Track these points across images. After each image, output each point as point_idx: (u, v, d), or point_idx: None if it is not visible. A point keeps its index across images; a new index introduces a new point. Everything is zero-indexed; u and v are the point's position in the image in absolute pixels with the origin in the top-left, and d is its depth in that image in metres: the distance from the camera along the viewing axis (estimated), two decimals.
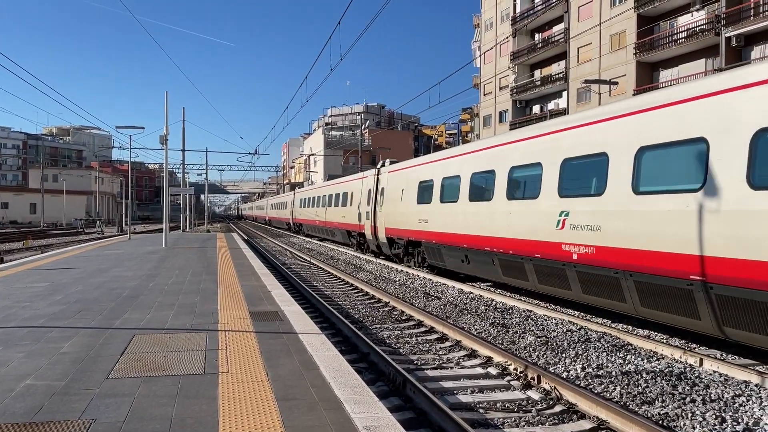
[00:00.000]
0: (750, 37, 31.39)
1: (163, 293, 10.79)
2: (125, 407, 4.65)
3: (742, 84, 7.74)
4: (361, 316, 11.88)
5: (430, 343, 9.53)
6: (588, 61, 42.13)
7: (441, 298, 13.87)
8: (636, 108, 9.67)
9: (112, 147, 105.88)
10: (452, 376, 7.60)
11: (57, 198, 78.95)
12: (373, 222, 23.92)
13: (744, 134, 7.56)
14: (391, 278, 17.88)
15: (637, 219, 9.23)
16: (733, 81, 7.92)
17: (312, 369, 5.80)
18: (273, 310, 9.07)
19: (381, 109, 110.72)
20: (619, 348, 8.92)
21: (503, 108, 53.37)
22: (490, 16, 55.84)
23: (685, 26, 35.33)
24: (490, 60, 55.03)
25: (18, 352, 6.35)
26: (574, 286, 10.93)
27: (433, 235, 17.48)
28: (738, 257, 7.47)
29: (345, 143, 79.88)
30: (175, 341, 6.92)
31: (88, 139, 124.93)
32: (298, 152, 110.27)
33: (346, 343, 9.36)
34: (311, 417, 4.47)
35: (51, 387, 5.17)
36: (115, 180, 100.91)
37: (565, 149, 11.29)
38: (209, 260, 17.86)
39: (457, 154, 16.78)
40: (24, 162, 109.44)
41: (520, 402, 6.62)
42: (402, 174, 21.17)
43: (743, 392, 6.88)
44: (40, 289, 11.16)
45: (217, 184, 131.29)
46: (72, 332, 7.37)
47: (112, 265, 16.22)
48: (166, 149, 25.42)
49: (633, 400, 6.64)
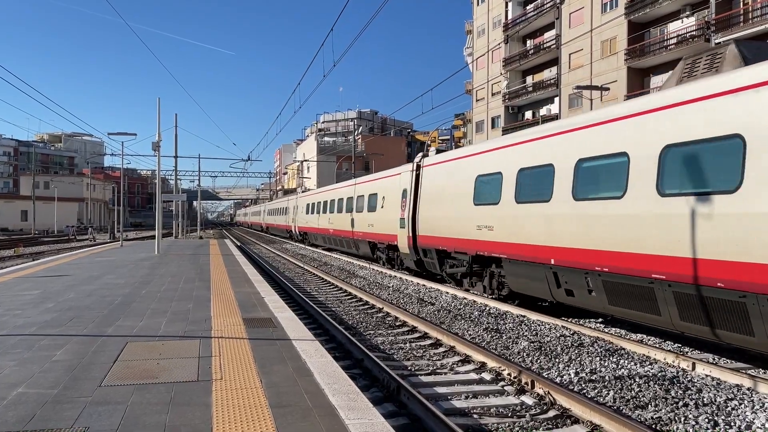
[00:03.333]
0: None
1: (156, 300, 10.74)
2: (118, 415, 4.63)
3: (651, 108, 9.12)
4: (354, 322, 11.87)
5: (424, 349, 9.53)
6: (580, 67, 42.37)
7: (435, 304, 13.87)
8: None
9: (104, 154, 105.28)
10: (446, 382, 7.60)
11: (48, 205, 78.44)
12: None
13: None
14: (384, 284, 17.87)
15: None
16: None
17: (306, 375, 5.79)
18: (266, 317, 9.05)
19: (374, 115, 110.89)
20: (612, 352, 8.95)
21: (496, 114, 53.57)
22: (482, 23, 56.11)
23: (675, 32, 35.63)
24: (483, 66, 55.24)
25: (10, 360, 6.30)
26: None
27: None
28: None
29: (338, 149, 79.88)
30: (169, 348, 6.89)
31: (80, 146, 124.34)
32: (291, 158, 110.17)
33: (340, 350, 9.35)
34: (305, 424, 4.47)
35: (43, 395, 5.14)
36: (107, 187, 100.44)
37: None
38: (202, 267, 17.80)
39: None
40: (15, 169, 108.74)
41: (514, 407, 6.62)
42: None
43: (735, 396, 6.91)
44: (31, 297, 11.08)
45: (210, 191, 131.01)
46: (64, 340, 7.32)
47: (104, 272, 16.14)
48: (158, 156, 25.36)
49: (626, 405, 6.66)
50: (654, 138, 8.95)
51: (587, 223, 10.25)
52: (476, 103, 57.45)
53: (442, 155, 17.53)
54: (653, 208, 8.81)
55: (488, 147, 14.45)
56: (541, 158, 11.79)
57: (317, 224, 35.06)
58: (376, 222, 23.16)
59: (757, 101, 7.41)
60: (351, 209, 27.20)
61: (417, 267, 19.16)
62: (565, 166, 10.93)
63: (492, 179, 13.71)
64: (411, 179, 19.28)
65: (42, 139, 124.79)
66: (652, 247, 8.82)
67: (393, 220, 20.73)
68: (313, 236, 36.99)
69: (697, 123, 8.22)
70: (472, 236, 14.40)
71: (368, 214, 24.33)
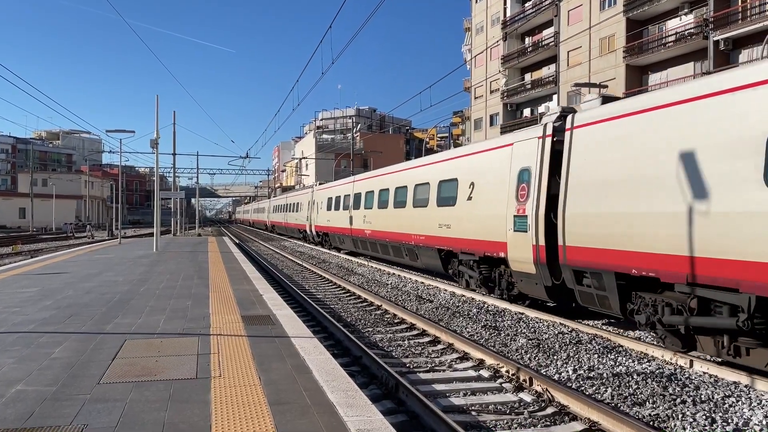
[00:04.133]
0: (738, 41, 31.70)
1: (155, 298, 10.74)
2: (117, 413, 4.63)
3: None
4: (353, 319, 11.88)
5: (423, 346, 9.55)
6: (578, 64, 42.36)
7: (433, 301, 13.89)
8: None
9: (102, 151, 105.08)
10: (444, 379, 7.61)
11: (46, 202, 78.31)
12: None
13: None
14: (383, 281, 17.88)
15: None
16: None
17: (304, 373, 5.80)
18: (265, 314, 9.05)
19: (372, 112, 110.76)
20: (610, 350, 8.97)
21: (494, 111, 53.56)
22: (481, 20, 56.06)
23: (673, 30, 35.62)
24: (481, 64, 55.21)
25: (8, 358, 6.30)
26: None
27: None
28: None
29: (336, 147, 79.85)
30: (167, 346, 6.89)
31: (78, 143, 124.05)
32: (290, 156, 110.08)
33: (339, 347, 9.36)
34: (304, 421, 4.47)
35: (42, 393, 5.14)
36: (105, 184, 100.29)
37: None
38: (200, 264, 17.79)
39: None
40: (13, 166, 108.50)
41: (512, 404, 6.64)
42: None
43: (733, 393, 6.93)
44: (30, 294, 11.07)
45: (208, 188, 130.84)
46: (63, 337, 7.32)
47: (102, 269, 16.13)
48: (156, 153, 25.33)
49: (624, 402, 6.68)
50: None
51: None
52: (475, 101, 57.44)
53: (632, 101, 9.72)
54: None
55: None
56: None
57: (343, 224, 27.90)
58: (456, 221, 15.58)
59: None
60: (404, 203, 19.62)
61: (550, 297, 11.81)
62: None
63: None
64: (538, 152, 11.96)
65: (40, 136, 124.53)
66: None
67: (495, 218, 13.42)
68: (338, 238, 29.55)
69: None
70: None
71: (438, 209, 16.77)
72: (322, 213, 33.33)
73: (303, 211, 39.62)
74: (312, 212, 36.26)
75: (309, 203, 37.52)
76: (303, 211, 39.60)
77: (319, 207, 34.03)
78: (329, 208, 31.34)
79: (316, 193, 35.80)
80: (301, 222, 40.04)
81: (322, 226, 33.41)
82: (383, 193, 22.04)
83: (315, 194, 35.93)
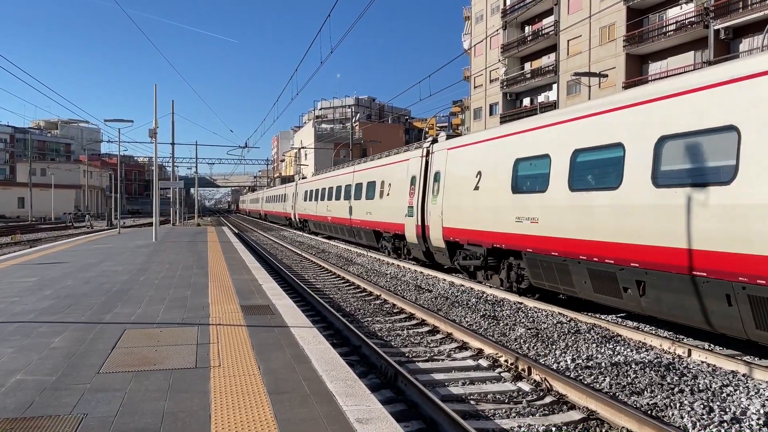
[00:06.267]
0: (738, 30, 31.54)
1: (154, 287, 10.75)
2: (116, 402, 4.65)
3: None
4: (352, 309, 11.90)
5: (422, 336, 9.57)
6: (578, 53, 42.18)
7: (432, 291, 13.91)
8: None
9: (101, 141, 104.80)
10: (443, 369, 7.63)
11: (45, 192, 78.26)
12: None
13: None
14: (382, 271, 17.90)
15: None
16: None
17: (304, 362, 5.81)
18: (264, 304, 9.07)
19: (371, 101, 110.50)
20: (609, 339, 9.00)
21: (494, 101, 53.38)
22: (480, 9, 55.75)
23: (674, 19, 35.43)
24: (481, 53, 54.97)
25: (8, 348, 6.31)
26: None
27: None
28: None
29: (335, 136, 79.69)
30: (167, 335, 6.90)
31: (77, 133, 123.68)
32: (289, 145, 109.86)
33: (338, 336, 9.38)
34: (303, 410, 4.49)
35: (42, 382, 5.15)
36: (104, 174, 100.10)
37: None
38: (200, 254, 17.80)
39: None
40: (11, 156, 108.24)
41: (511, 393, 6.67)
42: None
43: (731, 382, 6.96)
44: (29, 284, 11.08)
45: (207, 178, 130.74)
46: (62, 327, 7.33)
47: (101, 259, 16.13)
48: (155, 143, 25.28)
49: (622, 391, 6.70)
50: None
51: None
52: (474, 90, 57.23)
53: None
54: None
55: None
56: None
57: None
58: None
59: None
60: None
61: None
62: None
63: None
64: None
65: (38, 125, 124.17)
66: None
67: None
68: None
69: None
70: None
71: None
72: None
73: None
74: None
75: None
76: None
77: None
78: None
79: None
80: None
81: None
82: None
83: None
